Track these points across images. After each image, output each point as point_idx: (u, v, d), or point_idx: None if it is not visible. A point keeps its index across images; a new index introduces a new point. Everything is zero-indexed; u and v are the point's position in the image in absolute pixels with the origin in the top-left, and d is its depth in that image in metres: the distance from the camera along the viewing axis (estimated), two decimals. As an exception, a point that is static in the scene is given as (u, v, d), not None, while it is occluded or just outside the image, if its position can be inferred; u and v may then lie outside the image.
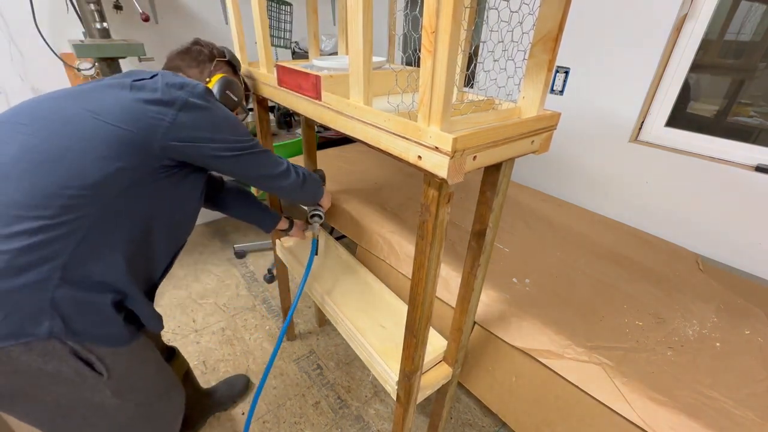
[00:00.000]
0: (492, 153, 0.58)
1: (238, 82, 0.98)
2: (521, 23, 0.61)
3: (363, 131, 0.65)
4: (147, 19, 1.68)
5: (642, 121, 1.59)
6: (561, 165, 1.87)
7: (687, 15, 1.39)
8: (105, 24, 1.56)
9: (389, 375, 0.92)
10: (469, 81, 1.79)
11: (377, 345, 0.99)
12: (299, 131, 2.26)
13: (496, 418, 1.44)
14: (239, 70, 1.03)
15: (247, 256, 2.35)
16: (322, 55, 1.09)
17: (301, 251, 1.39)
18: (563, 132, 1.77)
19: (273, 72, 0.93)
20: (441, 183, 0.56)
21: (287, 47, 2.19)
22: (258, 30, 0.95)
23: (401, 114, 0.60)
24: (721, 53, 1.43)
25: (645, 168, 1.58)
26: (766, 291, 1.20)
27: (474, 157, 0.55)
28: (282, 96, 0.91)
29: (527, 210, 1.60)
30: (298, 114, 0.89)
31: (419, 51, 0.50)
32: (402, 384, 0.87)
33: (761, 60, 1.35)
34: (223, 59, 0.97)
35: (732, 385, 0.85)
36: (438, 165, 0.53)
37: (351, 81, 0.64)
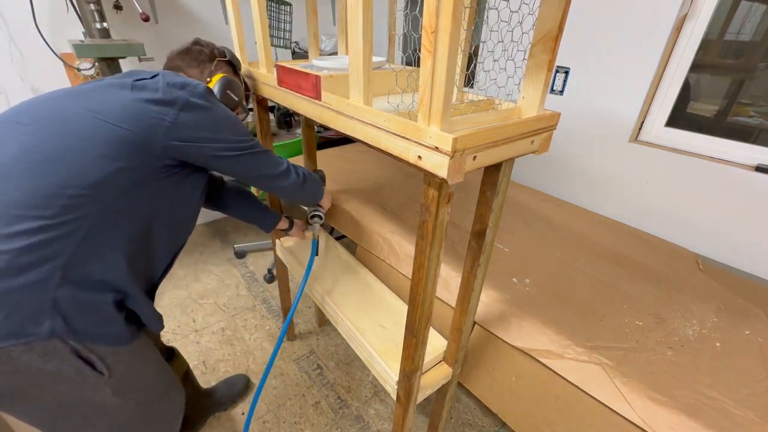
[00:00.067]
0: (492, 153, 0.58)
1: (238, 81, 0.98)
2: (521, 23, 0.61)
3: (363, 131, 0.65)
4: (147, 19, 1.68)
5: (642, 121, 1.59)
6: (561, 165, 1.87)
7: (687, 15, 1.39)
8: (105, 24, 1.57)
9: (389, 375, 0.92)
10: (469, 81, 1.79)
11: (377, 345, 0.99)
12: (299, 131, 2.26)
13: (496, 418, 1.44)
14: (239, 69, 1.04)
15: (247, 256, 2.35)
16: (322, 55, 1.09)
17: (301, 251, 1.39)
18: (563, 132, 1.77)
19: (273, 72, 0.93)
20: (441, 183, 0.56)
21: (287, 47, 2.19)
22: (258, 30, 0.95)
23: (401, 114, 0.60)
24: (721, 53, 1.43)
25: (645, 168, 1.58)
26: (766, 291, 1.20)
27: (474, 157, 0.55)
28: (282, 96, 0.91)
29: (527, 210, 1.60)
30: (298, 114, 0.89)
31: (419, 51, 0.50)
32: (402, 384, 0.87)
33: (761, 60, 1.35)
34: (224, 59, 0.97)
35: (732, 385, 0.85)
36: (438, 165, 0.53)
37: (351, 81, 0.64)
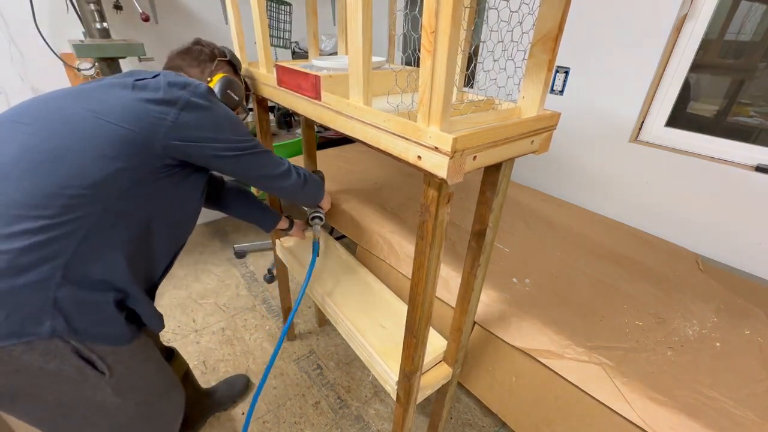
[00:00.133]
0: (492, 153, 0.58)
1: (239, 81, 0.98)
2: (521, 23, 0.61)
3: (363, 131, 0.65)
4: (147, 19, 1.68)
5: (642, 121, 1.59)
6: (561, 165, 1.87)
7: (687, 15, 1.39)
8: (105, 24, 1.57)
9: (389, 375, 0.92)
10: (469, 81, 1.79)
11: (377, 345, 0.99)
12: (299, 131, 2.26)
13: (496, 418, 1.44)
14: (240, 69, 1.04)
15: (247, 256, 2.35)
16: (321, 55, 1.09)
17: (301, 251, 1.39)
18: (563, 132, 1.77)
19: (273, 72, 0.93)
20: (441, 183, 0.56)
21: (287, 47, 2.19)
22: (257, 30, 0.95)
23: (401, 114, 0.60)
24: (721, 53, 1.43)
25: (645, 168, 1.58)
26: (766, 291, 1.20)
27: (474, 157, 0.55)
28: (282, 96, 0.91)
29: (527, 210, 1.60)
30: (297, 114, 0.89)
31: (419, 51, 0.50)
32: (402, 384, 0.87)
33: (761, 60, 1.35)
34: (224, 59, 0.97)
35: (732, 385, 0.85)
36: (438, 165, 0.53)
37: (351, 81, 0.64)
